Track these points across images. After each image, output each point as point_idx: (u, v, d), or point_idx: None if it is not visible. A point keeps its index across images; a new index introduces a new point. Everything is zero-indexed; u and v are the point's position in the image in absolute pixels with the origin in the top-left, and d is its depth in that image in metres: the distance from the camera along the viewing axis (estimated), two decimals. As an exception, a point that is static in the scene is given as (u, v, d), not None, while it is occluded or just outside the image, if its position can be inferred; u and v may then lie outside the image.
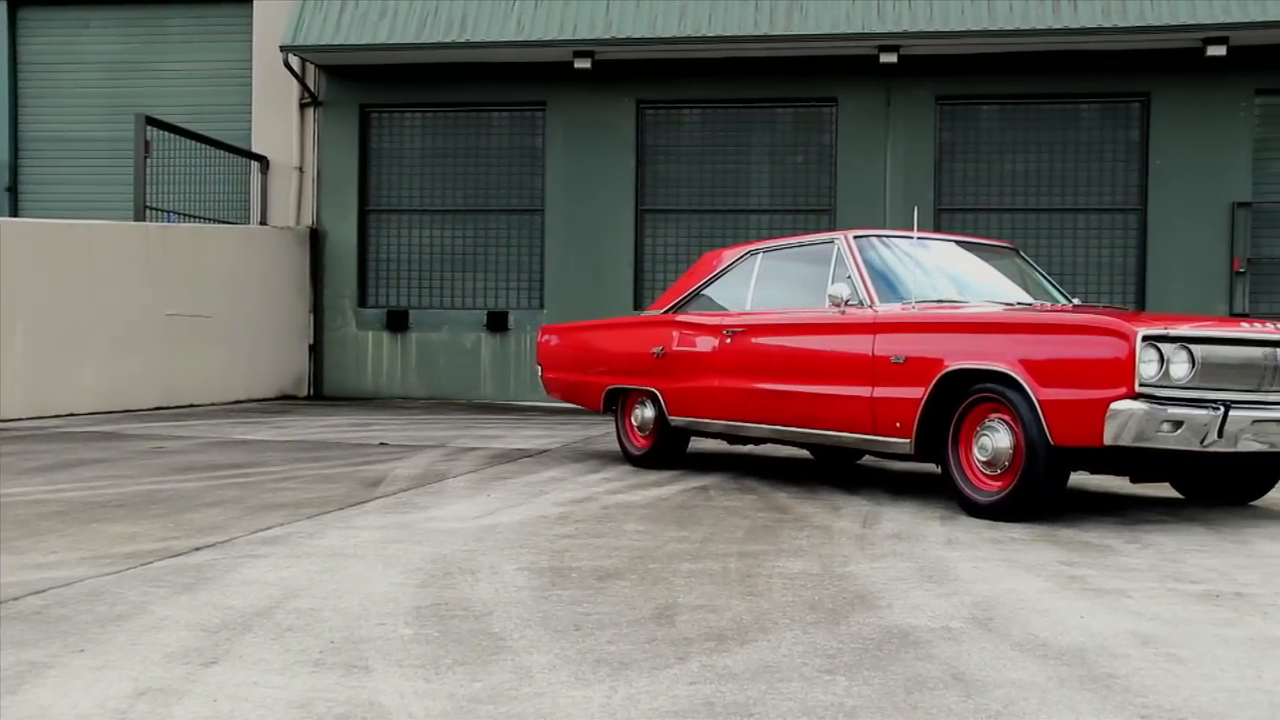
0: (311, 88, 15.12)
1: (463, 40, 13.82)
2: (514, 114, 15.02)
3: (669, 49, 13.77)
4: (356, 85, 15.08)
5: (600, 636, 3.04)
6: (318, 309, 15.20)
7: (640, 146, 14.60)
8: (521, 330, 14.66)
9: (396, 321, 14.98)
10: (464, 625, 3.14)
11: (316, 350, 15.20)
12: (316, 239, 15.15)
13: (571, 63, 14.01)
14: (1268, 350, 4.88)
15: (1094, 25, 12.70)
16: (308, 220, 15.19)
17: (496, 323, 14.76)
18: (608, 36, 13.62)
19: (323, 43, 14.11)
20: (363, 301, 15.21)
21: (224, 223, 14.49)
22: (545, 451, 8.24)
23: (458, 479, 6.52)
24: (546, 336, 8.55)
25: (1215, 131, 13.40)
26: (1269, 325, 5.07)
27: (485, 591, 3.56)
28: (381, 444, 8.58)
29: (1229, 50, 12.83)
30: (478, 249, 15.08)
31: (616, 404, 7.77)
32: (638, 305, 14.17)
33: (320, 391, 15.18)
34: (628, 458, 7.59)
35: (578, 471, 7.02)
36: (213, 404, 12.95)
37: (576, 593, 3.56)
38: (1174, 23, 12.58)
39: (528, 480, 6.50)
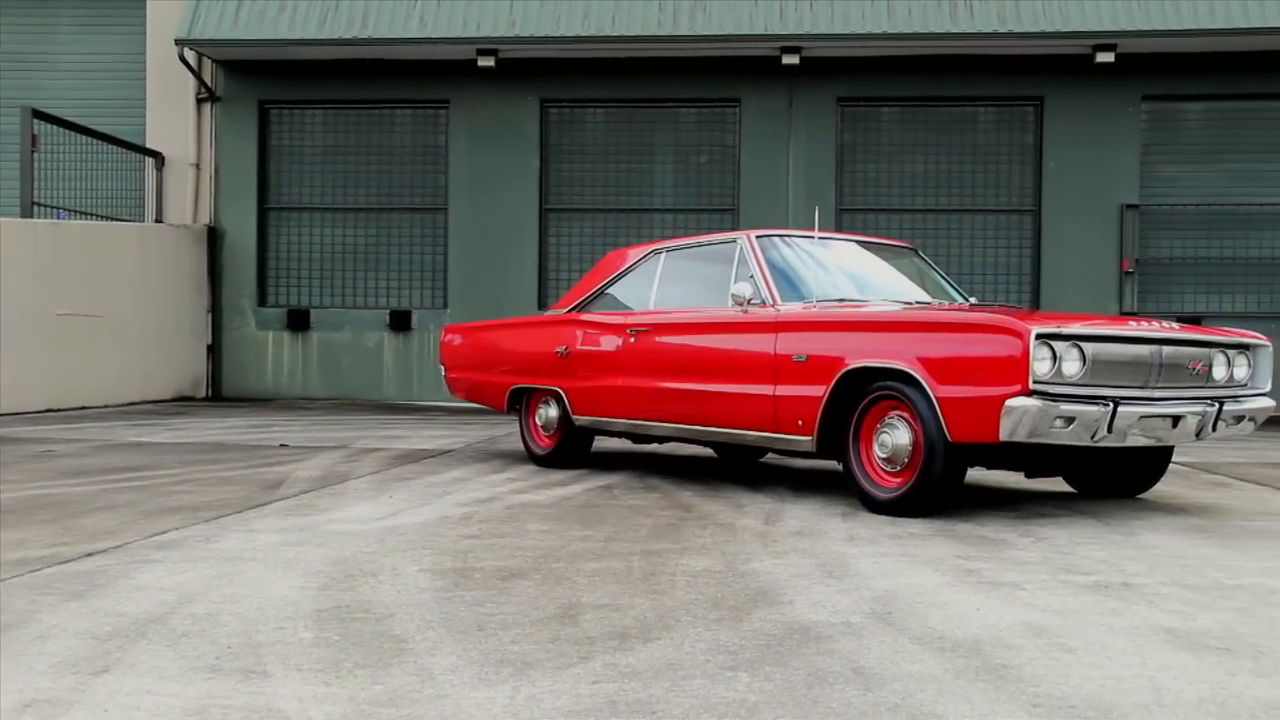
0: (208, 82, 14.82)
1: (364, 36, 13.67)
2: (417, 112, 14.89)
3: (573, 48, 13.77)
4: (255, 81, 14.82)
5: (503, 637, 3.03)
6: (216, 308, 14.91)
7: (544, 145, 14.57)
8: (425, 330, 14.54)
9: (297, 321, 14.76)
10: (365, 628, 3.11)
11: (215, 350, 14.91)
12: (214, 237, 14.86)
13: (475, 61, 13.93)
14: (1154, 348, 5.03)
15: (990, 30, 12.99)
16: (205, 218, 14.89)
17: (399, 322, 14.61)
18: (511, 35, 13.57)
19: (219, 37, 13.84)
20: (263, 301, 14.95)
21: (118, 220, 14.13)
22: (449, 452, 8.18)
23: (360, 480, 6.44)
24: (450, 336, 8.49)
25: (1105, 135, 13.79)
26: (1156, 324, 5.23)
27: (387, 593, 3.53)
28: (282, 445, 8.44)
29: (1117, 57, 13.24)
30: (380, 248, 14.93)
31: (520, 403, 7.74)
32: (542, 304, 14.14)
33: (219, 393, 14.89)
34: (532, 457, 7.56)
35: (481, 472, 6.98)
36: (106, 406, 12.62)
37: (480, 593, 3.54)
38: (1066, 29, 12.92)
39: (431, 481, 6.45)
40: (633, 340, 6.71)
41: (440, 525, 4.88)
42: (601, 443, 8.25)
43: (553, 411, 7.36)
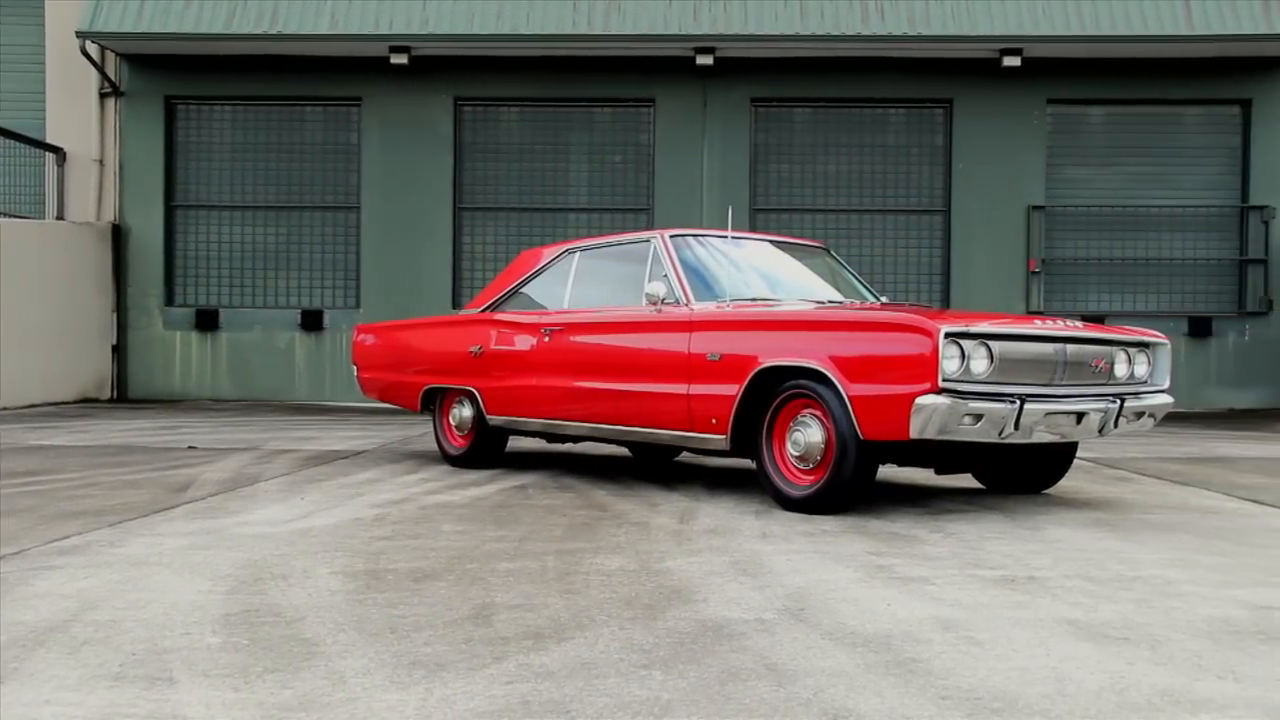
0: (112, 76, 14.49)
1: (274, 32, 13.45)
2: (329, 109, 14.71)
3: (487, 46, 13.70)
4: (161, 75, 14.51)
5: (416, 638, 3.00)
6: (121, 308, 14.58)
7: (458, 144, 14.48)
8: (337, 329, 14.37)
9: (206, 321, 14.49)
10: (275, 632, 3.06)
11: (120, 351, 14.58)
12: (119, 235, 14.53)
13: (388, 58, 13.80)
14: (1059, 346, 5.14)
15: (900, 32, 13.19)
16: (110, 216, 14.55)
17: (311, 322, 14.42)
18: (424, 32, 13.46)
19: (123, 30, 13.53)
20: (170, 300, 14.66)
21: (16, 217, 13.74)
22: (362, 453, 8.09)
23: (270, 482, 6.34)
24: (362, 336, 8.40)
25: (1012, 138, 14.08)
26: (1060, 323, 5.34)
27: (298, 597, 3.48)
28: (190, 447, 8.28)
29: (1023, 61, 13.53)
30: (291, 247, 14.71)
31: (434, 404, 7.68)
32: (456, 304, 14.05)
33: (124, 394, 14.57)
34: (446, 458, 7.51)
35: (395, 472, 6.91)
36: (5, 409, 12.27)
37: (392, 595, 3.51)
38: (973, 33, 13.17)
39: (343, 482, 6.37)
40: (547, 340, 6.69)
41: (353, 527, 4.82)
42: (516, 443, 8.22)
43: (467, 411, 7.32)
